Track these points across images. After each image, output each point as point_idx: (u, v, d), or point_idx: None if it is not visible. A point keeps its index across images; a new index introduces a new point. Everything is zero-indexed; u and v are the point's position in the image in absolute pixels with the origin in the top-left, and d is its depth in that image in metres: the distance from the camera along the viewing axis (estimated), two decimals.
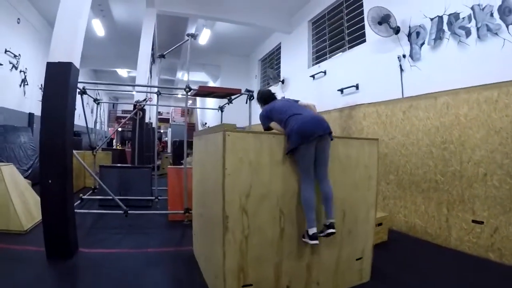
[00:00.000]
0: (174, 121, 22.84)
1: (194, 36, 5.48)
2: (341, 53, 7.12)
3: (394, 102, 5.13)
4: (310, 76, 7.88)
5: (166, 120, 22.83)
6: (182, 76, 16.96)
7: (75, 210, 3.71)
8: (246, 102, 5.87)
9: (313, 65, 8.19)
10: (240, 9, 8.51)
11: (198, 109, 19.57)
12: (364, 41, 6.13)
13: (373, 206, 3.04)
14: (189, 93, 5.19)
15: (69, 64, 3.13)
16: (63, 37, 3.20)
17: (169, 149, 18.08)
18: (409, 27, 4.95)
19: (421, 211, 4.55)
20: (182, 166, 5.18)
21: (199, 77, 15.58)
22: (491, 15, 3.79)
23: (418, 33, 4.79)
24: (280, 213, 2.48)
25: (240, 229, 2.32)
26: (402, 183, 4.88)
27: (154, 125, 10.70)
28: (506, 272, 3.30)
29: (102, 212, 5.06)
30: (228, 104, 6.59)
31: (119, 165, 7.37)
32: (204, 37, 10.60)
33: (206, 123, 18.12)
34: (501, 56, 3.68)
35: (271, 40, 10.95)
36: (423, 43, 4.71)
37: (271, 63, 11.22)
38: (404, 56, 5.04)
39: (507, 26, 3.65)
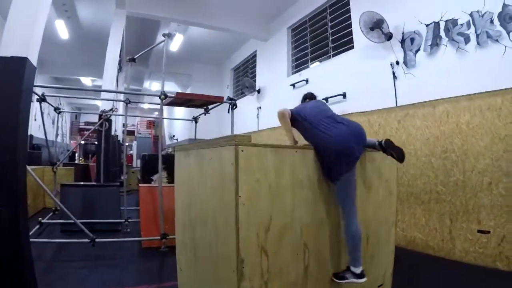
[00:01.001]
0: (140, 133, 21.72)
1: (170, 36, 4.96)
2: (324, 60, 6.92)
3: (388, 110, 4.92)
4: (290, 85, 7.58)
5: (131, 133, 21.61)
6: (150, 85, 16.10)
7: (32, 240, 3.09)
8: (228, 112, 5.39)
9: (293, 73, 7.92)
10: (216, 14, 8.13)
11: (165, 120, 18.56)
12: (352, 47, 5.94)
13: (394, 225, 2.72)
14: (164, 101, 4.62)
15: (24, 60, 2.47)
16: (18, 27, 2.55)
17: (134, 163, 16.97)
18: (403, 33, 4.80)
19: (421, 224, 4.33)
20: (154, 184, 4.70)
21: (168, 87, 14.75)
22: (491, 21, 3.73)
23: (412, 39, 4.65)
24: (304, 247, 2.02)
25: (259, 273, 1.81)
26: (399, 195, 4.59)
27: (120, 137, 9.84)
28: None
29: (65, 241, 4.31)
30: (205, 114, 6.03)
31: (82, 183, 6.62)
32: (176, 43, 10.07)
33: (174, 136, 17.30)
34: (503, 63, 3.62)
35: (245, 48, 10.62)
36: (418, 50, 4.57)
37: (245, 72, 10.85)
38: (397, 63, 4.86)
39: (508, 33, 3.60)
